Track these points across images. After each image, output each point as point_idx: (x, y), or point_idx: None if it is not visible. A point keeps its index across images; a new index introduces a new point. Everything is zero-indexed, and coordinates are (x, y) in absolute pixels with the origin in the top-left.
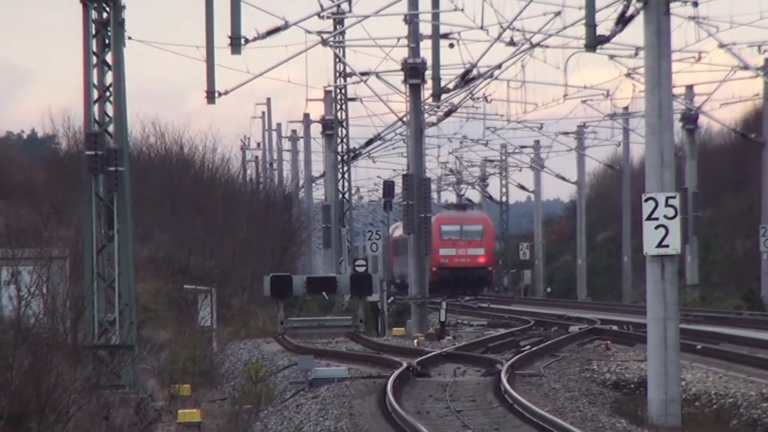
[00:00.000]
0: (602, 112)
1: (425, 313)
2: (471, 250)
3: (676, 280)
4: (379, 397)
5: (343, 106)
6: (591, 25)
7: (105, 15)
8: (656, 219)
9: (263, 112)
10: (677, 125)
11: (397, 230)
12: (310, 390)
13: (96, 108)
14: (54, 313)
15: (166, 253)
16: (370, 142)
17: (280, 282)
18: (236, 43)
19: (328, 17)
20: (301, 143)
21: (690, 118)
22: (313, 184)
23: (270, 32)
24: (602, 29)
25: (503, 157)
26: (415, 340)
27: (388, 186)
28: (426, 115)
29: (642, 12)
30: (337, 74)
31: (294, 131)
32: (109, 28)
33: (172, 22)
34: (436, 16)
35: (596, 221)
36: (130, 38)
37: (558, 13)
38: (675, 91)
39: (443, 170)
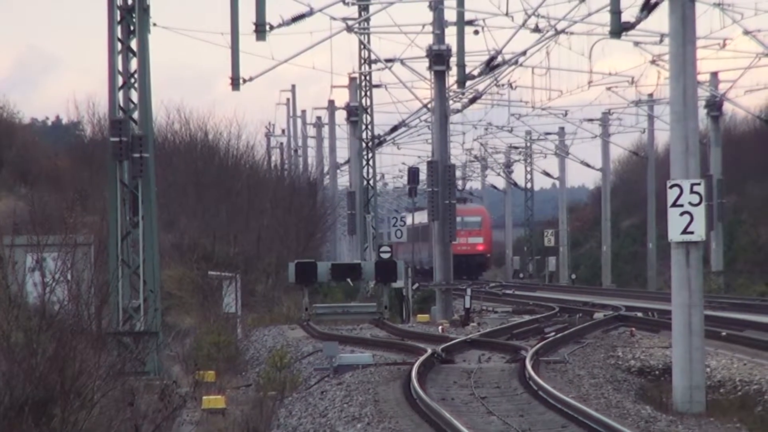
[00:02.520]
0: (627, 99)
1: (450, 299)
2: (471, 238)
3: (701, 267)
4: (404, 383)
5: (368, 93)
6: (616, 11)
7: (130, 1)
8: (681, 206)
9: (288, 99)
10: (702, 112)
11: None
12: (335, 376)
13: (121, 94)
14: (78, 299)
15: (191, 240)
16: (394, 128)
17: (304, 268)
18: (261, 29)
19: (352, 3)
20: (326, 130)
21: (715, 105)
22: (338, 171)
23: (295, 19)
24: (627, 16)
25: (528, 144)
26: (440, 327)
27: (413, 172)
28: (451, 102)
29: None
30: (362, 61)
31: (319, 118)
32: (134, 15)
33: (197, 9)
34: (461, 3)
35: (621, 208)
36: (155, 25)
37: (583, 0)
38: (700, 78)
39: (468, 157)
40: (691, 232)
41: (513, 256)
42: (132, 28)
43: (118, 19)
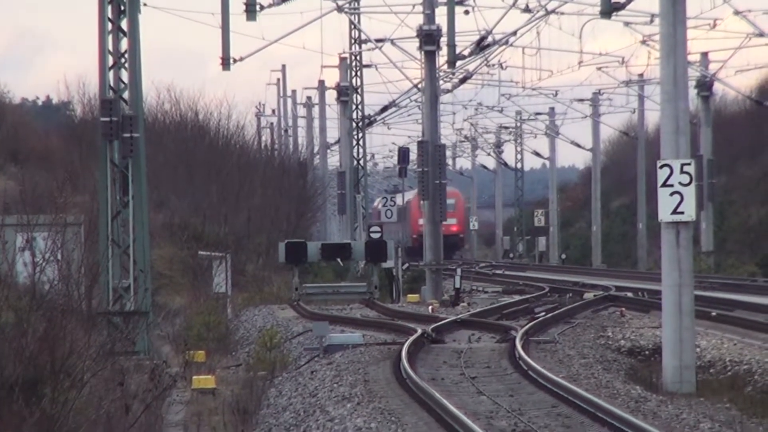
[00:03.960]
0: (617, 79)
1: (440, 279)
2: (446, 219)
3: (691, 247)
4: (394, 363)
5: (358, 73)
6: None
7: None
8: (671, 186)
9: (278, 79)
10: (692, 92)
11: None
12: (325, 356)
13: (111, 74)
14: (69, 279)
15: (181, 220)
16: (385, 108)
17: (295, 248)
18: (251, 9)
19: None
20: (316, 110)
21: (705, 85)
22: (328, 151)
23: None
24: None
25: (518, 124)
26: (430, 307)
27: (403, 153)
28: (441, 82)
29: None
30: (352, 41)
31: (309, 98)
32: None
33: None
34: None
35: (611, 188)
36: (145, 5)
37: None
38: (690, 58)
39: (458, 137)
40: (681, 212)
41: (503, 236)
42: (122, 7)
43: None
